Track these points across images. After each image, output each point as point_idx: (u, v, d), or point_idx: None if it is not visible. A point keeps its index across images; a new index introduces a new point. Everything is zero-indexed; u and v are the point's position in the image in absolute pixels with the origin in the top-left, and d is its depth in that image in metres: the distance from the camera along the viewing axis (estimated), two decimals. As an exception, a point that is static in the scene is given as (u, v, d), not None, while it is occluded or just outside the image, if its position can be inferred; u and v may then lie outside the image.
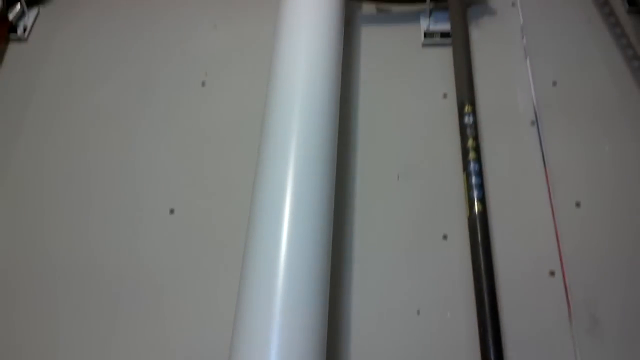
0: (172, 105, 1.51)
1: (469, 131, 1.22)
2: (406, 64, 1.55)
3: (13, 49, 1.64)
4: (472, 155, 1.21)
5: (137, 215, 1.37)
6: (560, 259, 1.23)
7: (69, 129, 1.50)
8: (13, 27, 1.64)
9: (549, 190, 1.32)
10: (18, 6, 1.66)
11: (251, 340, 0.97)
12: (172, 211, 1.36)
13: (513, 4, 1.62)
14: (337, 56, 1.33)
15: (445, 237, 1.28)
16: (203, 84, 1.54)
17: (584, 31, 1.56)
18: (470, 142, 1.22)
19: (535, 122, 1.41)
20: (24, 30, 1.64)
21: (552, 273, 1.22)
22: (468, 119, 1.16)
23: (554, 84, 1.46)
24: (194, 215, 1.36)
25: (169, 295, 1.26)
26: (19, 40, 1.64)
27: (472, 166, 1.21)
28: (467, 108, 1.18)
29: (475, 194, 1.19)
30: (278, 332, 0.95)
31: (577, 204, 1.31)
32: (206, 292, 1.26)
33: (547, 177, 1.34)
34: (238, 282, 1.06)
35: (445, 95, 1.45)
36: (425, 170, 1.37)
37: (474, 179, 1.22)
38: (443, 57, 1.51)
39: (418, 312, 1.19)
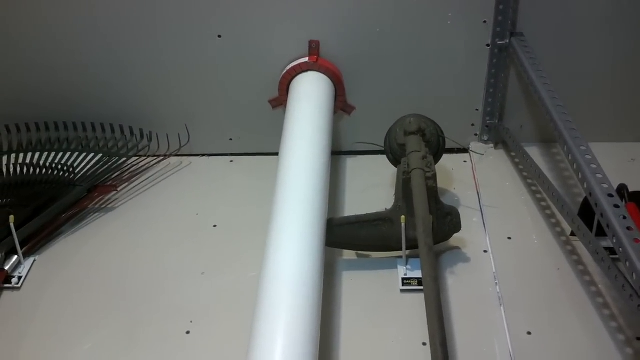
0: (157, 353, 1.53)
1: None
2: (385, 309, 1.59)
3: (3, 296, 1.68)
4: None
5: None
6: None
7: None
8: (8, 278, 1.69)
9: None
10: (15, 257, 1.74)
11: None
12: None
13: (485, 251, 1.70)
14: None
15: None
16: (188, 332, 1.57)
17: (554, 279, 1.62)
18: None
19: (515, 375, 1.42)
20: (19, 279, 1.70)
21: None
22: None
23: (529, 333, 1.49)
24: None
25: None
26: (12, 289, 1.69)
27: None
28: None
29: None
30: None
31: None
32: None
33: None
34: None
35: (424, 344, 1.47)
36: None
37: None
38: (422, 303, 1.55)
39: None
